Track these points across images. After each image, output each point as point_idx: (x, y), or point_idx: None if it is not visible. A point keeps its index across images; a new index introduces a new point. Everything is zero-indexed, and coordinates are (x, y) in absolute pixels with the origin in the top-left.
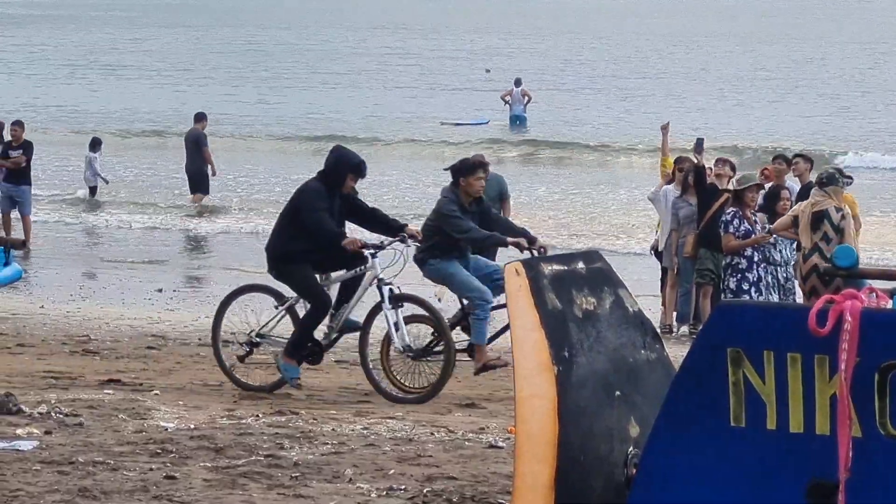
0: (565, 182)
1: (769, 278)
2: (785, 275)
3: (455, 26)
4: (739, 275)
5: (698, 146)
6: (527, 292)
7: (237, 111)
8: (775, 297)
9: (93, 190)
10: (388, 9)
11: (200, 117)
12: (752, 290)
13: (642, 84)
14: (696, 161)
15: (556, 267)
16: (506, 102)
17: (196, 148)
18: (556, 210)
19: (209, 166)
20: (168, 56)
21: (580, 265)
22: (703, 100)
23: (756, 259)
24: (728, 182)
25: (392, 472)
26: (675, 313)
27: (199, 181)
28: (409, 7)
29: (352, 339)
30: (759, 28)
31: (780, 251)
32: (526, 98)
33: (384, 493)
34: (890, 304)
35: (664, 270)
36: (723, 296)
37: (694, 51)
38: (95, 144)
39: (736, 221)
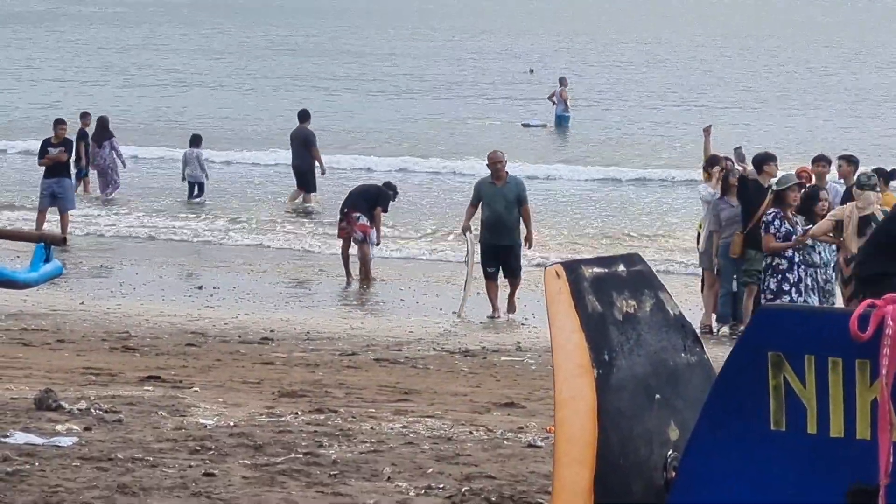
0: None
1: (809, 280)
2: (825, 277)
3: (497, 26)
4: (780, 276)
5: (738, 155)
6: (567, 295)
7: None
8: (815, 300)
9: (199, 187)
10: (422, 7)
11: (305, 115)
12: (793, 290)
13: (687, 87)
14: (741, 169)
15: (596, 269)
16: (554, 103)
17: (305, 146)
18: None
19: (318, 165)
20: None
21: (621, 268)
22: (757, 108)
23: (797, 260)
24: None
25: (431, 470)
26: (713, 315)
27: (307, 180)
28: (446, 6)
29: (392, 337)
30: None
31: (820, 253)
32: (564, 101)
33: (422, 491)
34: None
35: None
36: (763, 297)
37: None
38: (196, 141)
39: (777, 222)
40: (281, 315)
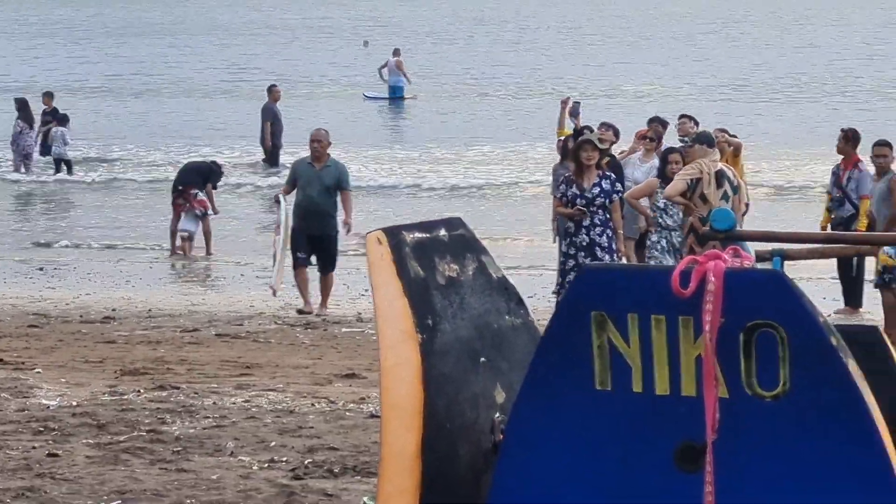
0: None
1: (664, 242)
2: (680, 238)
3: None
4: (569, 239)
5: (574, 110)
6: (389, 261)
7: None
8: (671, 261)
9: (67, 164)
10: None
11: (268, 90)
12: (580, 254)
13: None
14: (575, 125)
15: (418, 235)
16: (383, 78)
17: (262, 120)
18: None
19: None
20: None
21: (442, 232)
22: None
23: (586, 224)
24: (611, 147)
25: (273, 444)
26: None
27: (268, 154)
28: None
29: (233, 312)
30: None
31: (672, 215)
32: (400, 71)
33: (266, 465)
34: (755, 265)
35: None
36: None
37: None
38: (64, 120)
39: (563, 186)
40: (122, 293)
